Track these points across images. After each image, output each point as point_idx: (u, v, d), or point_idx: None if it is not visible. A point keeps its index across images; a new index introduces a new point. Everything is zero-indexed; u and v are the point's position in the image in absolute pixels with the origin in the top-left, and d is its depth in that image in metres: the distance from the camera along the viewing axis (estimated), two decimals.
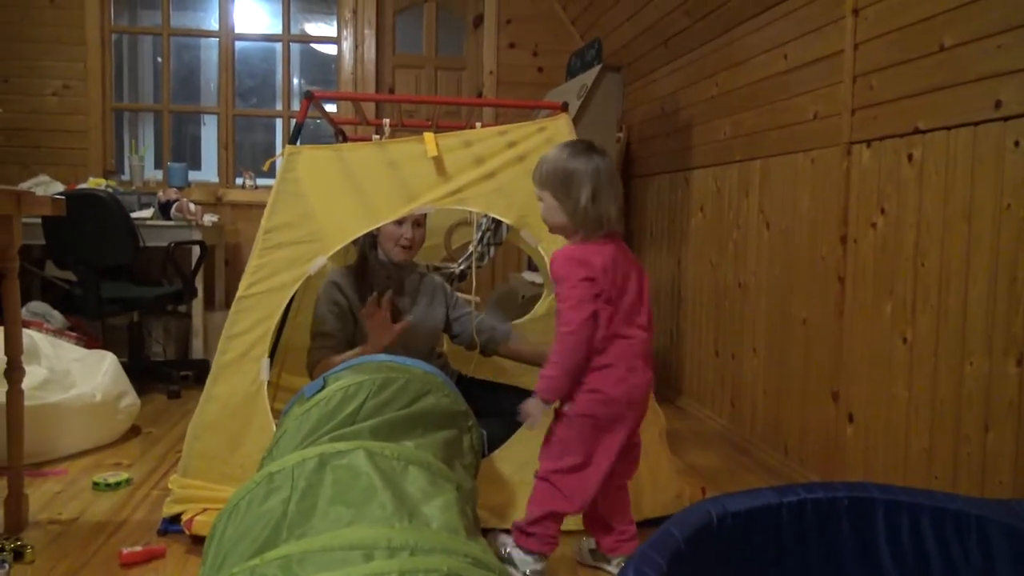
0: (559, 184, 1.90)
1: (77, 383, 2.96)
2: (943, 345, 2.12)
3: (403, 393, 1.86)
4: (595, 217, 1.88)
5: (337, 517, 1.34)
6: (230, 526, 1.41)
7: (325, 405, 1.79)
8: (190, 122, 6.74)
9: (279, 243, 2.22)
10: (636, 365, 1.90)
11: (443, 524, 1.37)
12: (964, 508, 1.55)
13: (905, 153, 2.27)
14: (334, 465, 1.46)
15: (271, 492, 1.41)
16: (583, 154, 1.90)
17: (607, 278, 1.86)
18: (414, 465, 1.54)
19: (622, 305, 1.90)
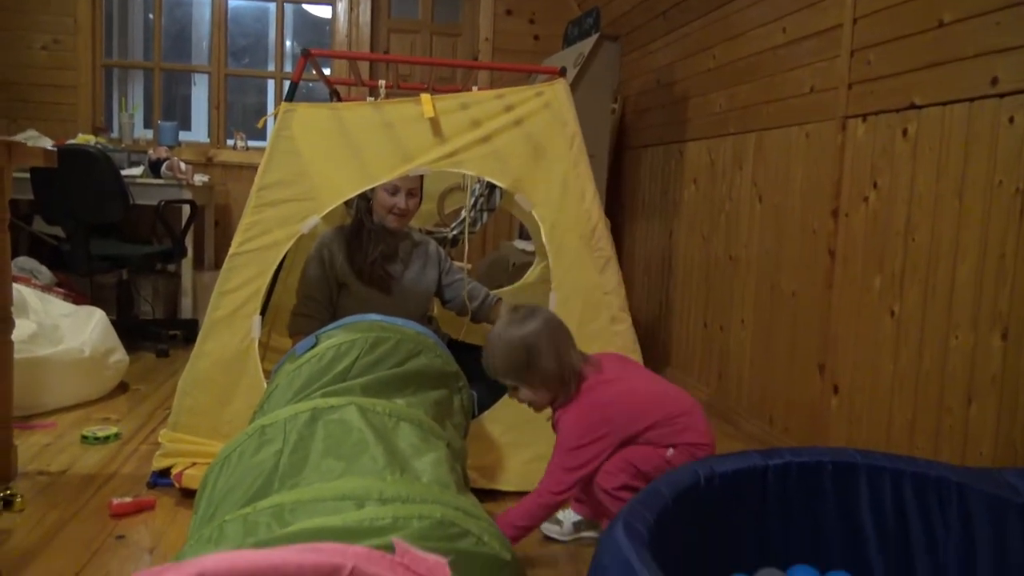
0: (521, 366, 1.84)
1: (65, 338, 2.96)
2: (929, 319, 2.14)
3: (395, 352, 1.87)
4: (565, 376, 1.84)
5: (329, 469, 1.35)
6: (222, 477, 1.42)
7: (317, 362, 1.80)
8: (180, 81, 6.65)
9: (272, 201, 2.21)
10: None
11: (434, 478, 1.39)
12: (946, 475, 1.58)
13: (900, 128, 2.28)
14: (326, 420, 1.47)
15: (263, 444, 1.42)
16: (519, 322, 1.86)
17: (622, 412, 1.83)
18: (405, 422, 1.55)
19: (659, 400, 1.88)
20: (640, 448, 1.81)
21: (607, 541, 1.18)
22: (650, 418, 1.82)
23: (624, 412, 1.83)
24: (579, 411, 1.83)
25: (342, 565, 0.83)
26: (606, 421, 1.81)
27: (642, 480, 1.74)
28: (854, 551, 1.63)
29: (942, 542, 1.59)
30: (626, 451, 1.81)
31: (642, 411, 1.84)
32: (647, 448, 1.81)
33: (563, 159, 2.37)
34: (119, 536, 1.90)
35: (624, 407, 1.84)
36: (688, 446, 1.81)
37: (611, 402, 1.84)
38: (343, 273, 2.64)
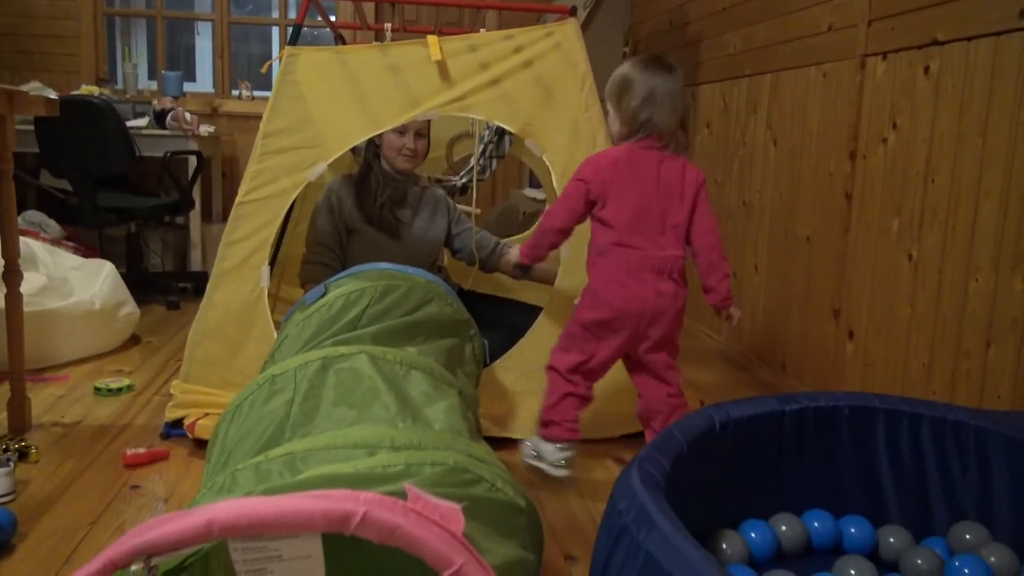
0: (616, 93, 1.94)
1: (75, 291, 2.95)
2: (949, 262, 2.10)
3: (405, 301, 1.85)
4: (641, 120, 1.90)
5: (340, 417, 1.34)
6: (233, 426, 1.42)
7: (327, 311, 1.78)
8: (184, 31, 6.55)
9: (278, 148, 2.17)
10: (642, 277, 1.89)
11: (446, 426, 1.38)
12: (963, 418, 1.56)
13: (922, 66, 2.21)
14: (337, 368, 1.46)
15: (274, 393, 1.41)
16: (647, 67, 1.92)
17: (605, 177, 1.90)
18: (416, 370, 1.54)
19: (633, 214, 1.89)
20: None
21: (622, 487, 1.16)
22: (612, 211, 1.91)
23: (614, 179, 1.91)
24: (602, 153, 1.99)
25: (353, 511, 0.82)
26: (594, 169, 1.93)
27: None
28: (870, 496, 1.62)
29: (959, 485, 1.58)
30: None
31: (617, 196, 1.92)
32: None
33: (574, 102, 2.31)
34: (134, 486, 1.91)
35: (618, 177, 1.91)
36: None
37: (617, 164, 1.92)
38: (352, 219, 2.61)
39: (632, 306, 1.89)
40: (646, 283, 1.89)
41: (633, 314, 1.90)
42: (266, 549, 0.85)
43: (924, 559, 1.49)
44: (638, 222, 1.90)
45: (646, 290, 1.89)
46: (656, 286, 1.91)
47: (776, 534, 1.55)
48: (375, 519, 0.82)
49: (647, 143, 1.92)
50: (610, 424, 2.32)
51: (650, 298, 1.90)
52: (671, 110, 1.92)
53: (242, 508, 0.80)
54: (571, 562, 1.65)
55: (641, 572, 1.00)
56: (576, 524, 1.82)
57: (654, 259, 1.90)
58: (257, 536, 0.83)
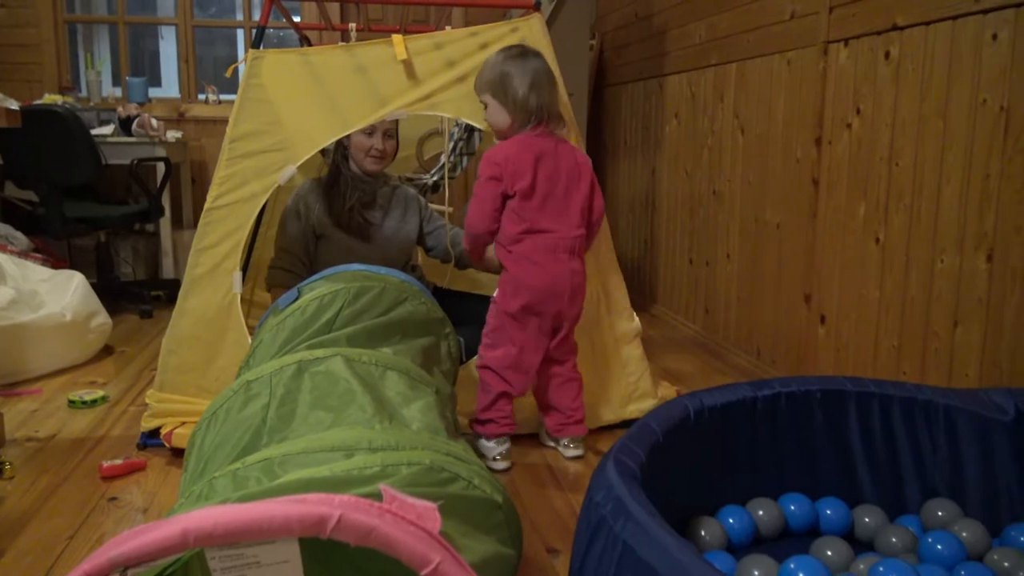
0: (498, 84, 2.05)
1: (46, 303, 2.91)
2: (915, 244, 2.14)
3: (379, 301, 1.85)
4: (532, 108, 2.02)
5: (317, 421, 1.34)
6: (209, 434, 1.41)
7: (300, 315, 1.78)
8: (147, 36, 6.49)
9: (246, 152, 2.15)
10: (558, 258, 2.01)
11: (423, 425, 1.38)
12: (933, 398, 1.59)
13: (882, 51, 2.24)
14: (312, 371, 1.45)
15: (250, 399, 1.41)
16: (518, 56, 2.06)
17: (514, 168, 1.99)
18: (392, 370, 1.54)
19: (542, 199, 2.01)
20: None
21: (598, 479, 1.17)
22: (520, 197, 1.99)
23: (521, 166, 2.00)
24: (493, 148, 2.05)
25: (329, 515, 0.82)
26: (504, 159, 2.00)
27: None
28: (845, 478, 1.65)
29: (930, 464, 1.61)
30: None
31: (523, 182, 1.99)
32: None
33: None
34: (112, 498, 1.90)
35: (523, 163, 2.00)
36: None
37: (524, 151, 2.01)
38: (320, 224, 2.61)
39: (554, 286, 2.01)
40: (562, 263, 2.02)
41: (555, 294, 2.01)
42: (243, 556, 0.85)
43: (898, 537, 1.52)
44: (546, 206, 2.01)
45: (563, 270, 2.02)
46: (570, 265, 2.03)
47: (753, 519, 1.57)
48: (351, 522, 0.82)
49: (540, 130, 2.05)
50: (588, 416, 2.34)
51: (567, 277, 2.03)
52: (552, 91, 2.05)
53: (217, 516, 0.80)
54: (553, 555, 1.66)
55: (620, 563, 1.02)
56: (557, 517, 1.83)
57: (565, 240, 2.02)
58: (234, 543, 0.83)
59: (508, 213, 2.04)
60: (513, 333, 2.04)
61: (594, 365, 2.33)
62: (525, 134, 2.04)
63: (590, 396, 2.26)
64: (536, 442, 2.25)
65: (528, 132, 2.04)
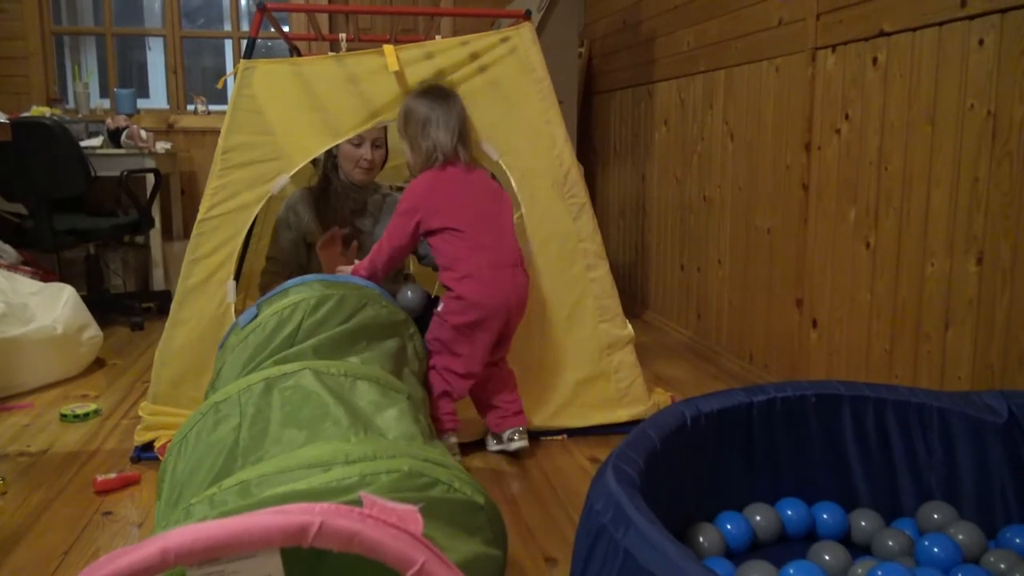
0: (402, 126, 2.17)
1: (36, 316, 2.89)
2: (905, 248, 2.15)
3: (340, 309, 1.81)
4: (429, 147, 2.13)
5: (291, 440, 1.30)
6: (181, 460, 1.36)
7: (261, 331, 1.74)
8: (134, 47, 6.47)
9: (238, 163, 2.15)
10: (503, 274, 2.08)
11: (399, 433, 1.36)
12: (926, 400, 1.60)
13: (870, 57, 2.26)
14: (281, 387, 1.42)
15: (219, 421, 1.36)
16: (421, 96, 2.16)
17: (430, 204, 2.09)
18: (362, 380, 1.51)
19: (473, 220, 2.09)
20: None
21: (598, 487, 1.18)
22: (452, 221, 2.07)
23: (437, 200, 2.10)
24: (415, 181, 2.16)
25: (309, 523, 0.81)
26: (420, 195, 2.11)
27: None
28: (840, 481, 1.66)
29: (925, 467, 1.62)
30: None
31: (449, 210, 2.09)
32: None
33: (532, 105, 2.33)
34: (106, 512, 1.89)
35: (441, 196, 2.11)
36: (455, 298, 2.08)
37: (436, 186, 2.11)
38: (311, 233, 2.61)
39: (501, 301, 2.07)
40: (508, 278, 2.08)
41: (503, 309, 2.07)
42: (224, 573, 0.83)
43: (895, 540, 1.52)
44: (480, 225, 2.08)
45: (507, 283, 2.08)
46: (515, 279, 2.10)
47: (751, 525, 1.58)
48: (332, 528, 0.82)
49: (448, 167, 2.14)
50: (576, 415, 2.36)
51: (515, 291, 2.10)
52: (447, 131, 2.13)
53: (196, 532, 0.79)
54: (551, 564, 1.66)
55: (621, 571, 1.02)
56: (554, 525, 1.83)
57: (506, 254, 2.09)
58: (214, 560, 0.82)
59: (440, 240, 2.10)
60: (458, 346, 2.09)
61: (582, 369, 2.34)
62: (433, 171, 2.13)
63: (578, 398, 2.29)
64: (529, 449, 2.24)
65: (436, 169, 2.13)
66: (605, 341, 2.36)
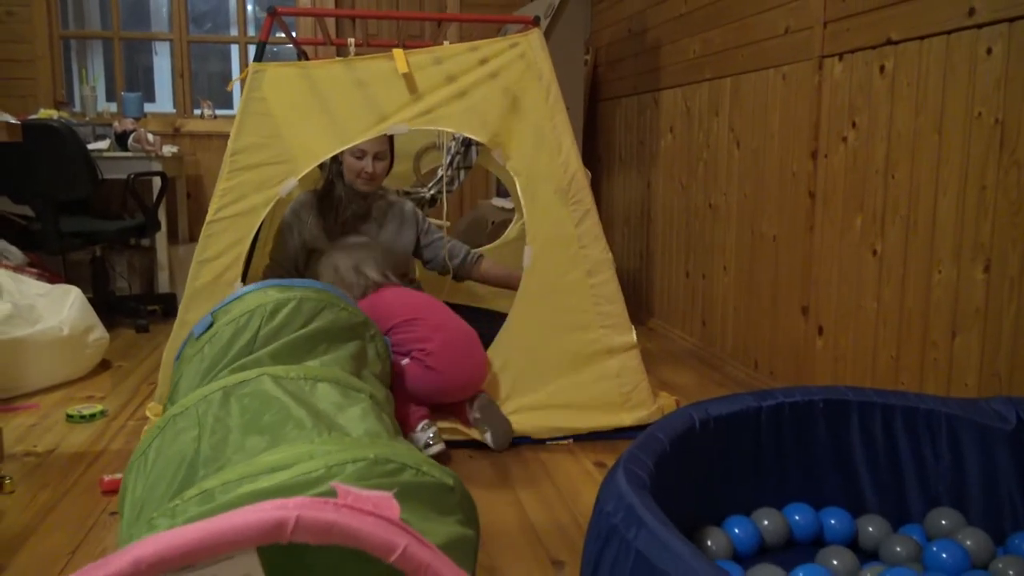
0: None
1: (43, 317, 2.90)
2: (912, 255, 2.16)
3: (297, 314, 1.77)
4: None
5: (253, 446, 1.27)
6: (140, 476, 1.33)
7: (217, 341, 1.69)
8: (141, 51, 6.50)
9: (247, 165, 2.17)
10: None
11: (363, 431, 1.34)
12: (935, 407, 1.60)
13: (877, 65, 2.27)
14: (239, 395, 1.39)
15: (178, 434, 1.33)
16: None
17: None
18: (322, 382, 1.48)
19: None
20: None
21: (608, 488, 1.18)
22: (396, 318, 2.29)
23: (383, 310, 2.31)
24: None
25: (286, 518, 0.80)
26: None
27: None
28: (848, 487, 1.66)
29: (933, 473, 1.62)
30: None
31: (391, 313, 2.31)
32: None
33: (539, 111, 2.33)
34: (113, 512, 1.89)
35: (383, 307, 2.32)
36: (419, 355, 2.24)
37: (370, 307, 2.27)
38: (313, 237, 2.62)
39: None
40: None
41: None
42: None
43: (903, 546, 1.52)
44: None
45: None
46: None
47: (759, 529, 1.58)
48: (309, 521, 0.81)
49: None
50: (580, 418, 2.36)
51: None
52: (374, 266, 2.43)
53: (169, 539, 0.77)
54: (558, 567, 1.66)
55: (633, 572, 1.02)
56: (561, 529, 1.83)
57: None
58: (190, 566, 0.79)
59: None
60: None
61: (583, 373, 2.35)
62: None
63: (581, 402, 2.32)
64: (535, 454, 2.24)
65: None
66: (606, 346, 2.36)
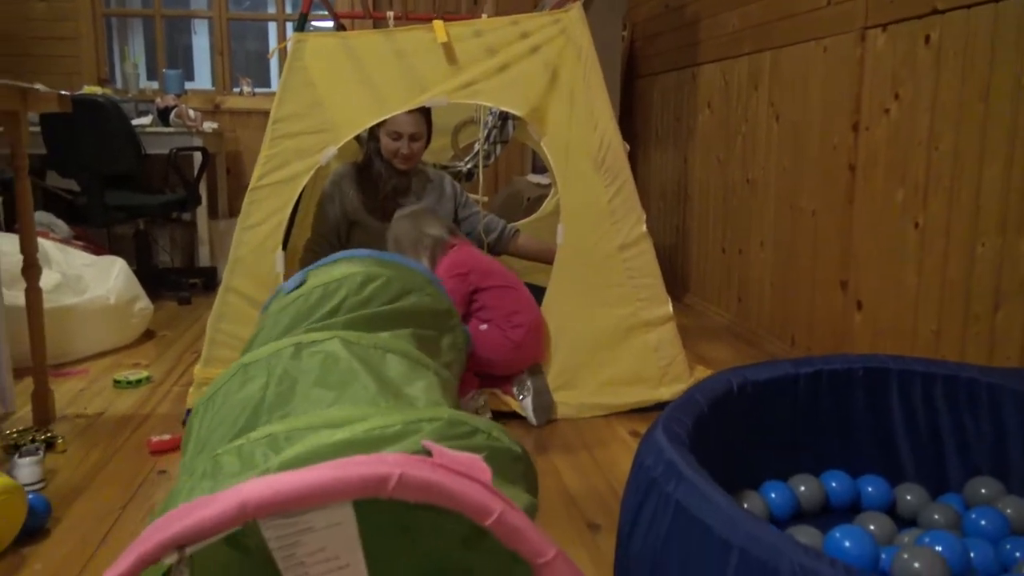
0: (406, 245, 2.42)
1: (90, 287, 2.98)
2: (955, 228, 2.13)
3: (384, 291, 1.79)
4: (427, 244, 2.42)
5: (318, 398, 1.30)
6: (206, 418, 1.37)
7: (304, 301, 1.72)
8: (180, 31, 6.58)
9: (288, 133, 2.20)
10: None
11: (428, 402, 1.35)
12: (976, 376, 1.59)
13: (922, 35, 2.23)
14: (310, 352, 1.41)
15: (247, 381, 1.36)
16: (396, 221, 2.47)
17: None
18: (392, 353, 1.50)
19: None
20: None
21: (648, 443, 1.19)
22: (491, 280, 2.35)
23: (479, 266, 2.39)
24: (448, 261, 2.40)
25: (389, 474, 0.81)
26: (463, 264, 2.37)
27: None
28: (885, 455, 1.65)
29: (973, 442, 1.61)
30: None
31: (489, 271, 2.39)
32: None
33: (578, 86, 2.34)
34: (161, 471, 1.95)
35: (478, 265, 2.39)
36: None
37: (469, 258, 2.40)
38: (354, 210, 2.65)
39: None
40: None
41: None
42: (297, 523, 0.83)
43: (941, 514, 1.52)
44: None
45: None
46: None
47: (795, 494, 1.58)
48: (411, 479, 0.82)
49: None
50: (616, 393, 2.37)
51: None
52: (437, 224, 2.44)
53: (276, 484, 0.79)
54: (594, 530, 1.68)
55: (673, 523, 1.03)
56: (596, 494, 1.85)
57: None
58: (287, 512, 0.81)
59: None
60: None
61: (618, 347, 2.36)
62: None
63: (616, 376, 2.33)
64: (571, 424, 2.27)
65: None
66: (643, 320, 2.37)
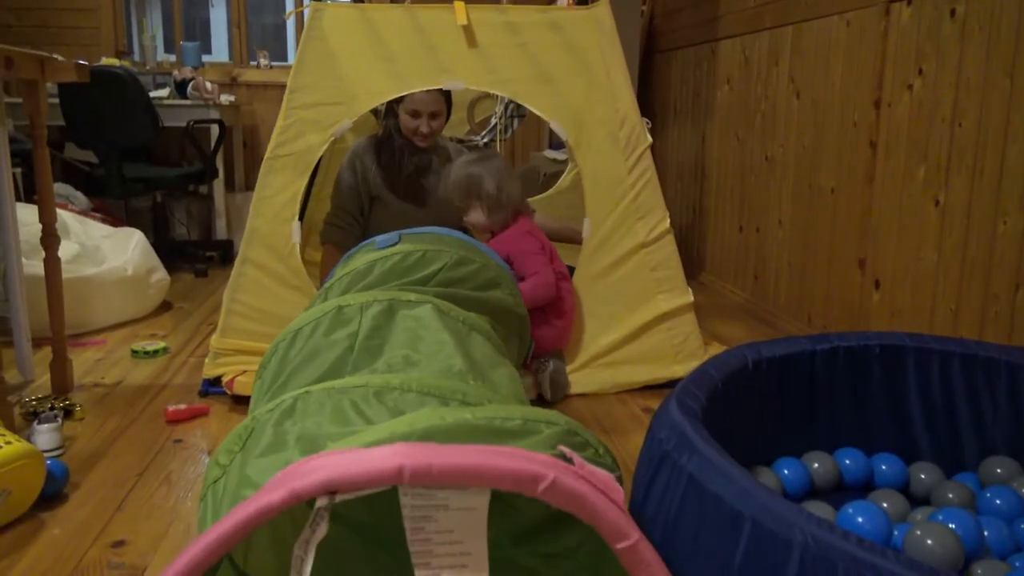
0: (469, 191, 2.33)
1: (108, 258, 3.00)
2: (976, 205, 2.10)
3: (475, 277, 1.82)
4: (504, 202, 2.33)
5: (405, 359, 1.31)
6: (294, 348, 1.39)
7: (402, 260, 1.74)
8: (198, 3, 6.57)
9: (304, 103, 2.19)
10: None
11: (511, 393, 1.34)
12: (994, 355, 1.57)
13: (948, 8, 2.19)
14: (404, 313, 1.43)
15: (339, 324, 1.38)
16: (476, 161, 2.36)
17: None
18: (477, 332, 1.51)
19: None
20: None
21: (661, 416, 1.19)
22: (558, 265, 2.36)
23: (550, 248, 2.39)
24: (523, 230, 2.36)
25: (543, 475, 0.80)
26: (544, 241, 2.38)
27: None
28: (901, 433, 1.65)
29: (990, 421, 1.60)
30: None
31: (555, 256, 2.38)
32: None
33: (595, 59, 2.32)
34: (177, 440, 1.96)
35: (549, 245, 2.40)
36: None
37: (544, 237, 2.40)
38: (376, 186, 2.64)
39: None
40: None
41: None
42: (435, 497, 0.82)
43: (955, 493, 1.51)
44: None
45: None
46: None
47: (809, 471, 1.58)
48: (563, 485, 0.80)
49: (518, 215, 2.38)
50: (631, 371, 2.37)
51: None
52: (513, 183, 2.34)
53: (436, 458, 0.79)
54: None
55: (685, 495, 1.03)
56: None
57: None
58: (431, 487, 0.81)
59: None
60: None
61: (633, 322, 2.36)
62: (515, 225, 2.37)
63: (630, 351, 2.33)
64: (583, 399, 2.27)
65: (513, 222, 2.37)
66: (662, 311, 2.36)
